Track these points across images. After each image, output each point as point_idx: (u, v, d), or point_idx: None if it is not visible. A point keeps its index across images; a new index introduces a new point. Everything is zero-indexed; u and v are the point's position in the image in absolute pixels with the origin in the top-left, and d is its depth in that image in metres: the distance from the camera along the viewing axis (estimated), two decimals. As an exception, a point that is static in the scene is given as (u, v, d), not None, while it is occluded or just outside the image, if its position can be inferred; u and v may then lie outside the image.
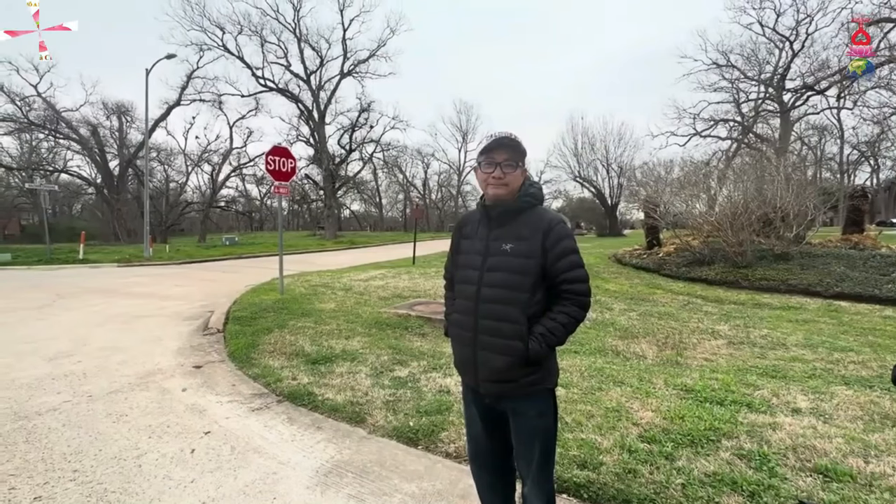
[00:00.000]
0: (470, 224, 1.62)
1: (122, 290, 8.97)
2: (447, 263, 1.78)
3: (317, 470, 2.38)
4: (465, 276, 1.55)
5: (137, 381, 3.76)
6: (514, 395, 1.47)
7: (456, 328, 1.59)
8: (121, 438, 2.71)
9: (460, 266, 1.60)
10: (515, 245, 1.45)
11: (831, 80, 26.15)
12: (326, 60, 31.34)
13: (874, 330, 5.51)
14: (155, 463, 2.44)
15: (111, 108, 32.42)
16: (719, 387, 3.51)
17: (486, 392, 1.52)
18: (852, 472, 2.25)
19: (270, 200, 54.17)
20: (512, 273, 1.44)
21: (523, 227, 1.47)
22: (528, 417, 1.48)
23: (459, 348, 1.58)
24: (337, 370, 3.93)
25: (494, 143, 1.46)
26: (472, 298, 1.50)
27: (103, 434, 2.77)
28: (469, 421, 1.69)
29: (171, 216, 33.67)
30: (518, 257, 1.44)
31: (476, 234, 1.57)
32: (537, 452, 1.48)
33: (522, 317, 1.42)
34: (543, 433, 1.49)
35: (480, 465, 1.69)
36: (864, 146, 41.11)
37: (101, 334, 5.36)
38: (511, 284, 1.43)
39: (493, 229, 1.52)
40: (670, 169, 19.19)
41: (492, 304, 1.45)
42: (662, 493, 2.09)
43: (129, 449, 2.59)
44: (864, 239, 10.21)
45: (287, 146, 9.17)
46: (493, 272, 1.46)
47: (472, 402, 1.63)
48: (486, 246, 1.51)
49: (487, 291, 1.46)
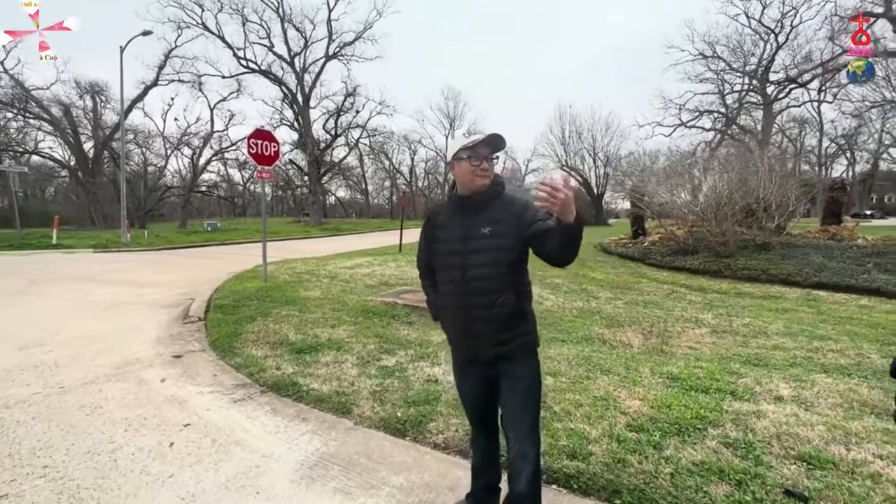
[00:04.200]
0: (442, 214, 1.77)
1: (98, 277, 8.67)
2: (419, 254, 1.93)
3: (302, 462, 2.32)
4: (448, 263, 1.69)
5: (113, 371, 3.62)
6: (509, 356, 1.64)
7: (447, 309, 1.75)
8: (95, 432, 2.60)
9: (441, 254, 1.73)
10: (493, 227, 1.60)
11: (814, 73, 26.61)
12: (311, 42, 30.57)
13: (851, 319, 5.66)
14: (131, 457, 2.34)
15: (84, 87, 31.11)
16: (704, 375, 3.55)
17: (484, 357, 1.67)
18: (835, 460, 2.28)
19: (254, 186, 52.93)
20: (494, 252, 1.60)
21: (497, 212, 1.63)
22: (522, 378, 1.64)
23: (454, 325, 1.74)
24: (322, 359, 3.85)
25: (490, 138, 1.60)
26: (458, 281, 1.64)
27: (76, 427, 2.65)
28: (464, 392, 1.83)
29: (149, 201, 32.77)
30: (497, 238, 1.60)
31: (452, 223, 1.70)
32: (531, 409, 1.65)
33: (509, 285, 1.61)
34: (535, 391, 1.67)
35: (480, 428, 1.85)
36: (841, 139, 42.10)
37: (76, 323, 5.16)
38: (494, 262, 1.60)
39: (472, 216, 1.65)
40: (655, 159, 19.36)
41: (479, 282, 1.60)
42: (652, 482, 2.08)
43: (104, 443, 2.48)
44: (841, 230, 10.47)
45: (270, 130, 8.89)
46: (476, 254, 1.61)
47: (467, 374, 1.78)
48: (465, 232, 1.64)
49: (473, 271, 1.61)
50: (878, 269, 7.88)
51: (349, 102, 34.01)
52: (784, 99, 29.90)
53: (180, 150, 37.25)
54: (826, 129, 39.58)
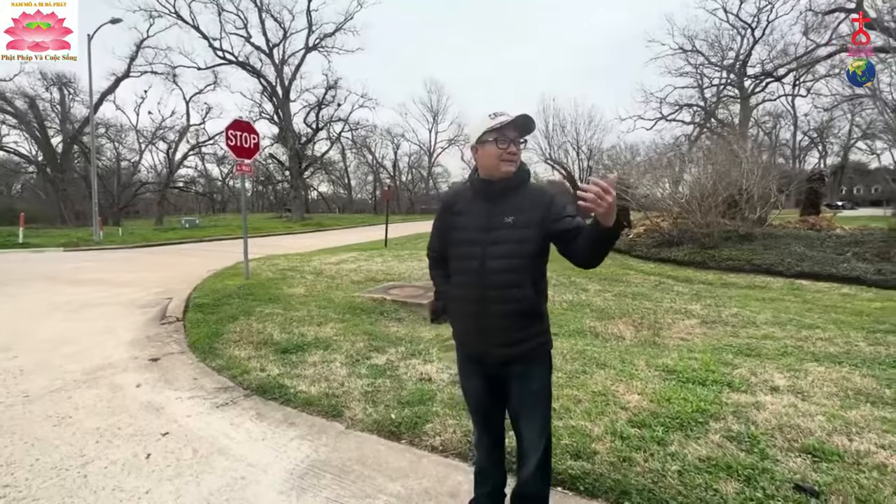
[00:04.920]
0: (461, 201, 1.65)
1: (69, 277, 8.27)
2: (432, 243, 1.80)
3: (291, 472, 2.17)
4: (465, 252, 1.57)
5: (84, 377, 3.39)
6: (524, 356, 1.54)
7: (459, 303, 1.62)
8: (63, 444, 2.40)
9: (457, 243, 1.61)
10: (517, 217, 1.51)
11: (789, 68, 27.18)
12: (290, 33, 29.69)
13: (835, 307, 5.74)
14: (103, 472, 2.16)
15: (51, 78, 29.62)
16: (699, 367, 3.52)
17: (496, 358, 1.56)
18: (839, 452, 2.25)
19: (233, 181, 51.63)
20: (516, 243, 1.50)
21: (522, 200, 1.53)
22: (534, 380, 1.56)
23: (465, 321, 1.63)
24: (309, 359, 3.69)
25: (519, 119, 1.49)
26: (475, 272, 1.53)
27: (42, 440, 2.45)
28: (469, 392, 1.72)
29: (123, 197, 31.62)
30: (520, 228, 1.50)
31: (472, 210, 1.59)
32: (543, 412, 1.59)
33: (528, 280, 1.51)
34: (547, 394, 1.60)
35: (485, 429, 1.75)
36: (814, 132, 43.27)
37: (45, 325, 4.87)
38: (516, 254, 1.49)
39: (495, 204, 1.55)
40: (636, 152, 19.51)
41: (499, 275, 1.49)
42: (660, 481, 2.01)
43: (73, 457, 2.29)
44: (820, 220, 10.71)
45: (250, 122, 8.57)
46: (497, 245, 1.50)
47: (474, 373, 1.67)
48: (486, 220, 1.53)
49: (493, 263, 1.50)
50: (856, 258, 8.06)
51: (330, 95, 33.31)
52: (760, 93, 30.53)
53: (155, 145, 36.00)
54: (799, 123, 40.61)
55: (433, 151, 53.25)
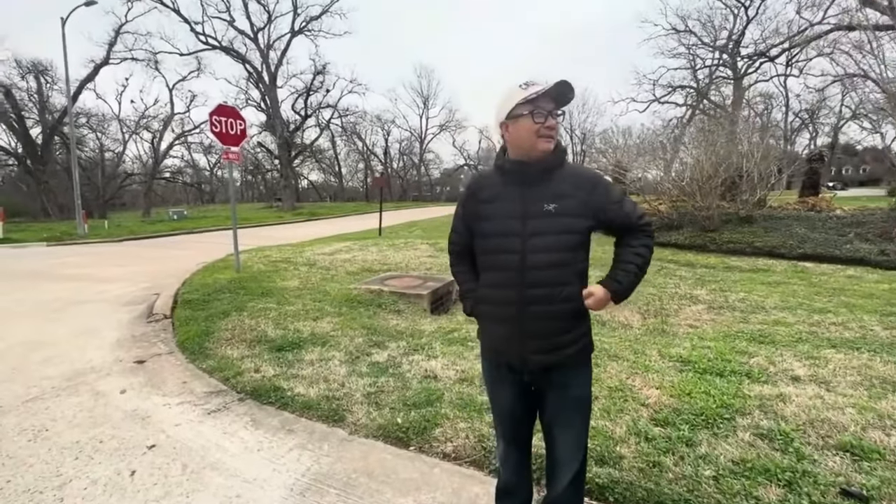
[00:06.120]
0: (488, 187, 1.43)
1: (51, 273, 7.94)
2: (453, 236, 1.58)
3: (291, 488, 1.98)
4: (500, 246, 1.36)
5: (63, 383, 3.16)
6: (565, 364, 1.38)
7: (492, 305, 1.42)
8: (37, 462, 2.18)
9: (490, 235, 1.39)
10: (559, 204, 1.31)
11: (782, 48, 26.91)
12: (275, 16, 28.73)
13: (844, 290, 5.64)
14: (83, 493, 1.95)
15: (26, 66, 28.39)
16: (714, 356, 3.37)
17: (535, 365, 1.37)
18: (879, 449, 2.11)
19: (221, 171, 50.60)
20: (561, 234, 1.31)
21: (562, 184, 1.33)
22: (575, 387, 1.42)
23: (498, 326, 1.42)
24: (306, 358, 3.49)
25: (557, 87, 1.27)
26: (514, 268, 1.33)
27: (14, 458, 2.23)
28: (498, 400, 1.53)
29: (108, 189, 30.84)
30: (565, 216, 1.31)
31: (504, 197, 1.37)
32: (583, 422, 1.46)
33: (575, 277, 1.34)
34: (588, 401, 1.47)
35: (513, 441, 1.57)
36: (805, 113, 43.22)
37: (22, 326, 4.60)
38: (561, 246, 1.32)
39: (531, 188, 1.34)
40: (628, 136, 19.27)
41: (543, 271, 1.31)
42: (696, 489, 1.85)
43: (49, 476, 2.07)
44: (820, 201, 10.64)
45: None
46: (539, 236, 1.31)
47: (507, 381, 1.47)
48: (524, 208, 1.33)
49: (535, 258, 1.31)
50: (859, 238, 7.98)
51: (318, 81, 32.49)
52: (753, 74, 30.29)
53: (139, 135, 35.04)
54: (791, 104, 40.49)
55: (424, 137, 52.55)
